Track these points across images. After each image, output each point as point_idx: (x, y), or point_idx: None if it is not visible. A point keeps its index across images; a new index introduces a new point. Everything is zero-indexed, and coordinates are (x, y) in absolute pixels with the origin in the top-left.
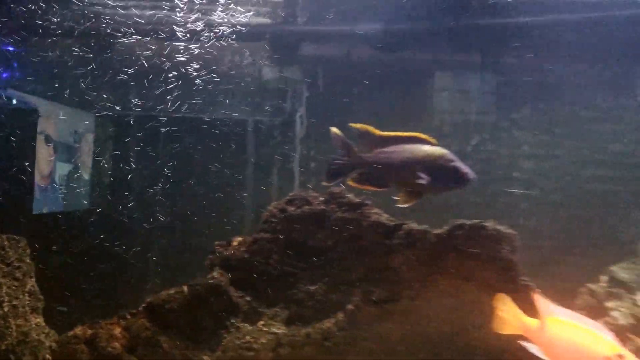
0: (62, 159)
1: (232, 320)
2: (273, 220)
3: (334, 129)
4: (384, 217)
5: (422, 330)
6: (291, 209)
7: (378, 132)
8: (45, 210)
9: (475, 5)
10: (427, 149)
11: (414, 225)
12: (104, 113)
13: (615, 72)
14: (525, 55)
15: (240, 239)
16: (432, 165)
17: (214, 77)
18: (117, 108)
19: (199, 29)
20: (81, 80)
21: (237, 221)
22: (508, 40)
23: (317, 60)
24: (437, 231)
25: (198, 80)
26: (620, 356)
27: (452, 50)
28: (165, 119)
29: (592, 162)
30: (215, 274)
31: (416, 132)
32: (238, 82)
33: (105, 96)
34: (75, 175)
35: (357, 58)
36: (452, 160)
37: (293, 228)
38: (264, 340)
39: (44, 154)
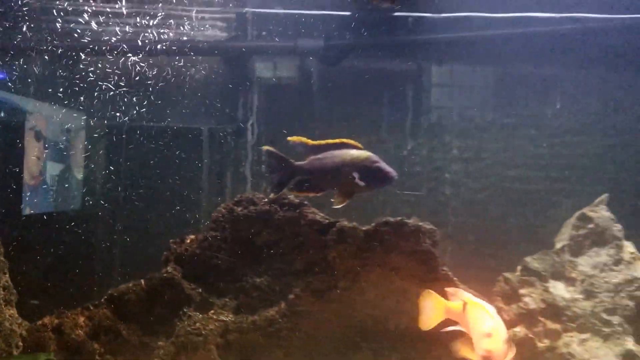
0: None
1: (185, 310)
2: (222, 219)
3: (266, 147)
4: (320, 216)
5: (356, 315)
6: (238, 209)
7: (310, 142)
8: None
9: (406, 21)
10: (353, 153)
11: (345, 223)
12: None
13: (535, 83)
14: (454, 67)
15: (192, 236)
16: (358, 167)
17: (174, 89)
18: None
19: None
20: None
21: (192, 220)
22: (438, 53)
23: (267, 72)
24: (365, 228)
25: (161, 93)
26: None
27: (387, 63)
28: (130, 127)
29: (514, 164)
30: (169, 268)
31: (350, 138)
32: (195, 93)
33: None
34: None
35: (302, 70)
36: (376, 162)
37: (240, 226)
38: (212, 327)
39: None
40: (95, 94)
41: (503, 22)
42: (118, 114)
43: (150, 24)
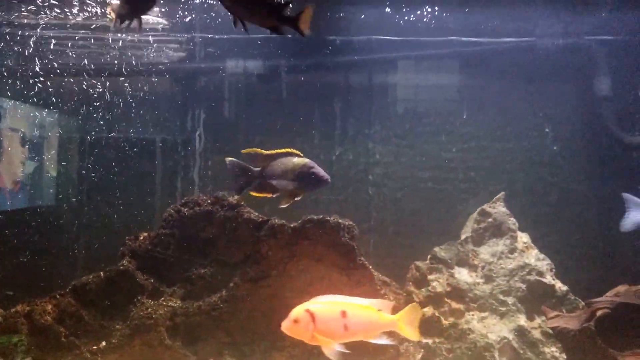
0: None
1: (139, 297)
2: (170, 219)
3: (228, 158)
4: (254, 215)
5: (287, 300)
6: (185, 209)
7: (264, 152)
8: None
9: (332, 45)
10: (295, 160)
11: (276, 220)
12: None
13: (446, 98)
14: (375, 83)
15: (145, 234)
16: (298, 172)
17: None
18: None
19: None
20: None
21: (146, 219)
22: (361, 71)
23: (211, 89)
24: (293, 224)
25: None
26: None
27: (317, 80)
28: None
29: (428, 166)
30: (125, 261)
31: (290, 146)
32: (149, 108)
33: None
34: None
35: (242, 87)
36: (312, 167)
37: (186, 225)
38: (162, 312)
39: None
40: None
41: (416, 45)
42: (86, 127)
43: (114, 47)
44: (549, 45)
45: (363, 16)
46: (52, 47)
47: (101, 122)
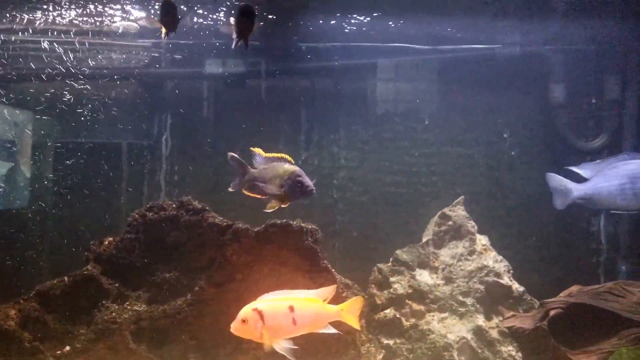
0: None
1: (103, 302)
2: (135, 223)
3: (231, 153)
4: (218, 219)
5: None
6: (150, 214)
7: (264, 153)
8: None
9: (298, 51)
10: (285, 167)
11: (240, 225)
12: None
13: (409, 104)
14: (339, 89)
15: (110, 238)
16: (285, 179)
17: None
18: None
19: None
20: None
21: (112, 224)
22: (326, 79)
23: (179, 94)
24: (257, 229)
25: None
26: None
27: (283, 86)
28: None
29: (390, 171)
30: (89, 266)
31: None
32: (115, 113)
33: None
34: None
35: (208, 92)
36: (298, 176)
37: (151, 229)
38: (126, 316)
39: None
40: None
41: (380, 52)
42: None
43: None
44: (508, 53)
45: (330, 23)
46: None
47: (66, 126)
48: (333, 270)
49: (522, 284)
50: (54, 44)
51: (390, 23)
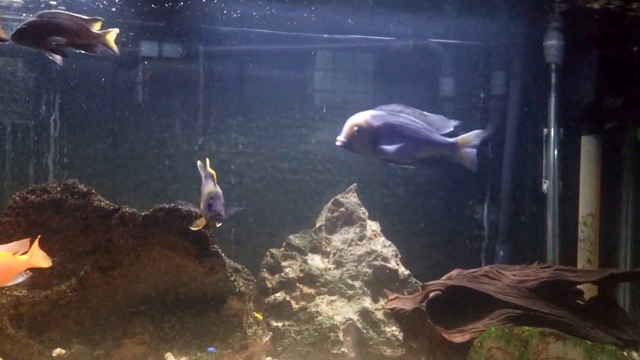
0: None
1: None
2: (15, 206)
3: (200, 162)
4: (104, 203)
5: (141, 288)
6: (32, 197)
7: (209, 169)
8: None
9: (197, 34)
10: (209, 186)
11: (126, 209)
12: None
13: (306, 92)
14: (235, 75)
15: None
16: (206, 200)
17: None
18: None
19: None
20: None
21: None
22: (225, 64)
23: (69, 73)
24: (144, 213)
25: None
26: None
27: (179, 68)
28: None
29: (287, 158)
30: None
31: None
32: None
33: None
34: None
35: (101, 74)
36: (211, 198)
37: (33, 212)
38: (4, 301)
39: None
40: None
41: (278, 39)
42: None
43: None
44: (400, 46)
45: (228, 6)
46: None
47: None
48: (223, 255)
49: (410, 268)
50: None
51: (289, 11)
